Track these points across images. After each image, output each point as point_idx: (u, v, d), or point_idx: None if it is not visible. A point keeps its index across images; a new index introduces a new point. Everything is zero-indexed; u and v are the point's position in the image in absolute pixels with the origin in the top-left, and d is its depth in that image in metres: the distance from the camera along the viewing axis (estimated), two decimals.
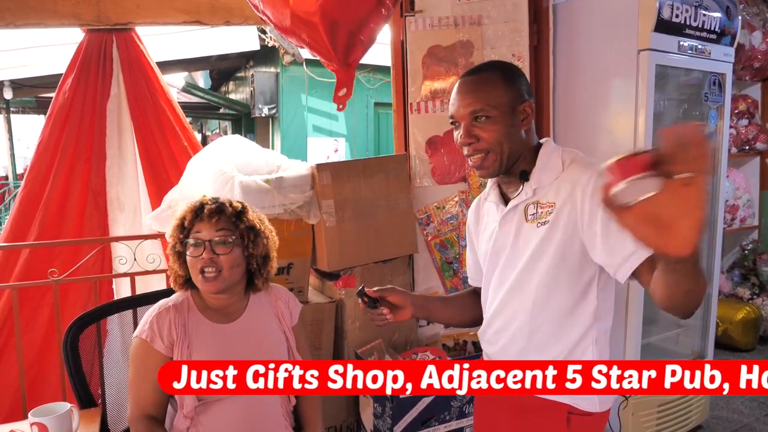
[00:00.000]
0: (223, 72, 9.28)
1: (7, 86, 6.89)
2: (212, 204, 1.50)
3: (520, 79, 1.24)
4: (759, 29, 3.65)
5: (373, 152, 7.71)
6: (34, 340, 2.50)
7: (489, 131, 1.20)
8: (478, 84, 1.22)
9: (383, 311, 1.34)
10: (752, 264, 4.03)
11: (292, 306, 1.66)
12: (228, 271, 1.46)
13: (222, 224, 1.48)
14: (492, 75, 1.22)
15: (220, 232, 1.47)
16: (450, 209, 2.72)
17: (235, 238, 1.49)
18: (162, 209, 2.40)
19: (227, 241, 1.47)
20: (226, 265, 1.45)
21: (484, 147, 1.22)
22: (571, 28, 2.66)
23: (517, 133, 1.22)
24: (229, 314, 1.55)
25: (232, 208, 1.52)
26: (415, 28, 2.66)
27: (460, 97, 1.23)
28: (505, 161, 1.23)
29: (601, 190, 0.76)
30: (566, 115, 2.71)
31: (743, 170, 4.10)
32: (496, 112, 1.20)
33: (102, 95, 2.67)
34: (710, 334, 2.78)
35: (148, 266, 2.49)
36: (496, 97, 1.20)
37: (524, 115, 1.22)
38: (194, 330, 1.49)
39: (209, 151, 2.45)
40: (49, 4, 2.50)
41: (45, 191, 2.57)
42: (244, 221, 1.52)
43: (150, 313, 1.49)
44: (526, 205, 1.24)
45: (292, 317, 1.65)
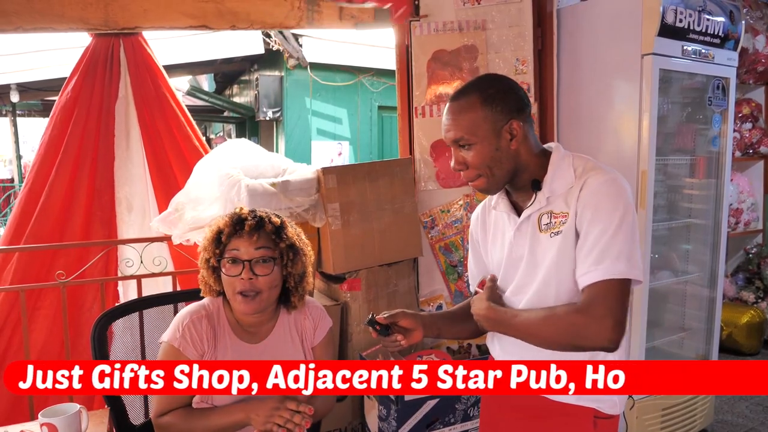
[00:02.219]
0: (228, 75, 9.30)
1: (14, 89, 6.92)
2: (252, 219, 1.40)
3: (505, 97, 1.20)
4: (762, 33, 3.66)
5: (376, 156, 7.71)
6: (37, 340, 2.50)
7: (474, 158, 1.21)
8: (458, 110, 1.22)
9: (397, 337, 1.32)
10: (756, 267, 4.03)
11: (319, 324, 1.56)
12: (267, 292, 1.40)
13: (262, 242, 1.39)
14: (470, 101, 1.20)
15: (260, 251, 1.38)
16: (455, 213, 2.73)
17: (275, 257, 1.41)
18: (169, 212, 2.41)
19: (267, 260, 1.39)
20: (265, 287, 1.38)
21: (474, 173, 1.23)
22: (574, 32, 2.67)
23: (505, 153, 1.21)
24: (257, 333, 1.48)
25: (272, 224, 1.42)
26: (419, 32, 2.67)
27: (446, 124, 1.24)
28: (500, 181, 1.24)
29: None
30: (570, 118, 2.72)
31: (747, 174, 4.10)
32: (476, 138, 1.20)
33: (109, 97, 2.69)
34: (715, 338, 2.78)
35: (154, 269, 2.51)
36: (475, 124, 1.19)
37: (511, 135, 1.20)
38: (222, 345, 1.44)
39: (216, 154, 2.47)
40: (57, 8, 2.53)
41: (47, 191, 2.58)
42: (284, 238, 1.42)
43: (182, 319, 1.43)
44: (540, 215, 1.23)
45: (315, 336, 1.55)
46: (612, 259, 1.10)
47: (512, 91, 1.23)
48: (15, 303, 2.41)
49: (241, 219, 1.41)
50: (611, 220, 1.12)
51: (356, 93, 7.52)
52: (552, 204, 1.22)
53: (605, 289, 1.10)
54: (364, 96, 7.55)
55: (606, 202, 1.14)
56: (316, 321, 1.55)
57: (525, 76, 2.68)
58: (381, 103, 7.65)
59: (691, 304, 2.88)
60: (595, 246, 1.12)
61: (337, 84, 7.35)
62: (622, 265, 1.10)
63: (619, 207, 1.13)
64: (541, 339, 1.17)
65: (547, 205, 1.22)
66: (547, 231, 1.21)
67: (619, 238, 1.11)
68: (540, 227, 1.23)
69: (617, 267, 1.10)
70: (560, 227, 1.19)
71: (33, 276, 2.48)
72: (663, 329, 2.83)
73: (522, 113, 1.22)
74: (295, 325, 1.54)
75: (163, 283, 2.59)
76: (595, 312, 1.09)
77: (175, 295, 1.95)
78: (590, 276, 1.12)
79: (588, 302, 1.11)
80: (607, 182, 1.16)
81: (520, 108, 1.22)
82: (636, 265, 1.12)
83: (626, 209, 1.13)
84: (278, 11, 2.77)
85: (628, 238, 1.11)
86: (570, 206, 1.18)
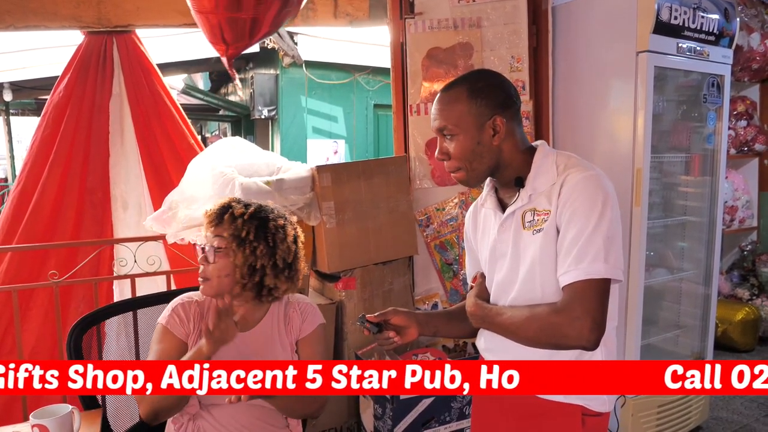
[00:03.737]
0: (223, 74, 9.26)
1: (7, 88, 6.87)
2: (218, 209, 1.47)
3: (492, 92, 1.22)
4: (757, 31, 3.66)
5: (372, 154, 7.70)
6: (28, 340, 2.49)
7: (456, 149, 1.23)
8: (446, 101, 1.24)
9: (389, 335, 1.33)
10: (751, 265, 4.04)
11: (307, 318, 1.57)
12: (216, 279, 1.43)
13: (219, 231, 1.44)
14: (458, 92, 1.22)
15: (216, 239, 1.44)
16: (450, 211, 2.73)
17: (226, 247, 1.43)
18: (163, 210, 2.40)
19: (218, 249, 1.43)
20: (213, 274, 1.43)
21: (454, 164, 1.25)
22: (570, 30, 2.66)
23: (487, 148, 1.22)
24: (245, 323, 1.51)
25: (234, 215, 1.45)
26: (414, 30, 2.66)
27: (433, 112, 1.26)
28: (479, 176, 1.26)
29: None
30: (565, 116, 2.72)
31: (742, 171, 4.11)
32: (459, 130, 1.21)
33: (101, 94, 2.67)
34: (710, 335, 2.79)
35: (149, 268, 2.49)
36: (459, 116, 1.21)
37: (495, 130, 1.21)
38: None
39: (210, 152, 2.46)
40: (50, 6, 2.51)
41: (39, 189, 2.56)
42: (244, 229, 1.43)
43: (175, 301, 1.51)
44: (524, 212, 1.24)
45: (301, 330, 1.55)
46: (590, 259, 1.10)
47: (500, 87, 1.24)
48: (7, 303, 2.39)
49: (213, 209, 1.48)
50: (589, 218, 1.12)
51: (352, 91, 7.50)
52: (535, 201, 1.22)
53: (583, 289, 1.11)
54: (360, 94, 7.54)
55: (584, 200, 1.14)
56: (305, 315, 1.57)
57: (520, 73, 2.68)
58: (377, 102, 7.64)
59: (686, 302, 2.88)
60: (573, 245, 1.13)
61: (332, 82, 7.33)
62: (601, 264, 1.10)
63: (597, 205, 1.12)
64: (524, 337, 1.19)
65: (530, 203, 1.23)
66: (530, 228, 1.22)
67: (598, 236, 1.11)
68: (524, 224, 1.23)
69: (595, 267, 1.10)
70: (542, 225, 1.19)
71: (25, 276, 2.46)
72: (658, 327, 2.84)
73: (508, 110, 1.23)
74: (284, 318, 1.56)
75: (161, 283, 2.58)
76: (573, 312, 1.10)
77: (155, 297, 1.87)
78: (569, 276, 1.12)
79: (566, 302, 1.12)
80: (585, 179, 1.16)
81: (506, 104, 1.23)
82: (615, 264, 1.12)
83: (605, 206, 1.13)
84: None
85: (606, 237, 1.11)
86: (552, 203, 1.19)
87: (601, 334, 1.11)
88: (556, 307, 1.13)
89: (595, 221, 1.11)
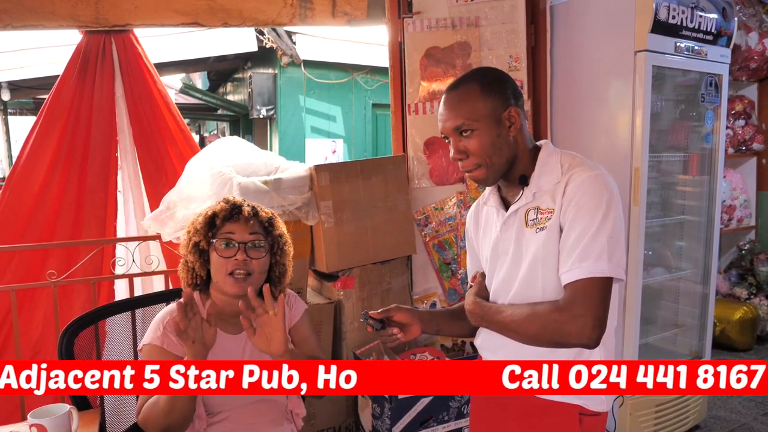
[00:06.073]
0: (221, 73, 9.26)
1: (5, 88, 6.85)
2: (248, 206, 1.48)
3: (502, 86, 1.24)
4: (755, 30, 3.67)
5: (371, 153, 7.70)
6: (30, 341, 2.48)
7: (475, 145, 1.22)
8: (457, 99, 1.24)
9: (393, 331, 1.33)
10: (749, 264, 4.05)
11: (294, 306, 1.61)
12: (258, 275, 1.45)
13: (256, 228, 1.46)
14: (470, 87, 1.23)
15: (254, 236, 1.45)
16: (448, 210, 2.73)
17: (266, 245, 1.48)
18: (161, 210, 2.40)
19: (260, 245, 1.45)
20: (257, 269, 1.44)
21: (474, 162, 1.24)
22: (568, 29, 2.67)
23: (505, 141, 1.23)
24: (238, 324, 1.48)
25: (265, 213, 1.51)
26: (412, 29, 2.66)
27: (444, 113, 1.25)
28: (498, 171, 1.25)
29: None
30: (564, 115, 2.72)
31: (740, 171, 4.12)
32: (478, 124, 1.21)
33: (103, 94, 2.66)
34: (708, 334, 2.79)
35: (146, 268, 2.49)
36: (476, 110, 1.21)
37: (510, 122, 1.23)
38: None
39: (208, 152, 2.45)
40: (47, 5, 2.50)
41: (36, 189, 2.54)
42: (276, 228, 1.51)
43: (161, 318, 1.44)
44: (527, 210, 1.24)
45: (291, 318, 1.59)
46: (594, 258, 1.11)
47: (508, 81, 1.26)
48: (9, 303, 2.39)
49: (237, 205, 1.47)
50: (594, 217, 1.12)
51: (350, 91, 7.50)
52: (538, 200, 1.23)
53: (586, 288, 1.11)
54: (359, 94, 7.53)
55: (589, 199, 1.14)
56: (291, 304, 1.61)
57: (518, 73, 2.68)
58: (375, 101, 7.64)
59: (684, 301, 2.89)
60: (577, 244, 1.13)
61: (331, 82, 7.33)
62: (604, 263, 1.11)
63: (602, 204, 1.13)
64: (524, 336, 1.18)
65: (534, 201, 1.23)
66: (533, 226, 1.22)
67: (602, 235, 1.11)
68: (527, 222, 1.24)
69: (599, 266, 1.11)
70: (545, 223, 1.20)
71: (26, 276, 2.46)
72: (656, 326, 2.84)
73: (518, 102, 1.25)
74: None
75: (156, 282, 2.57)
76: (575, 310, 1.10)
77: (153, 297, 1.86)
78: (572, 274, 1.12)
79: (568, 300, 1.12)
80: (590, 179, 1.16)
81: (516, 96, 1.25)
82: (618, 263, 1.12)
83: (609, 206, 1.13)
84: (270, 8, 2.76)
85: (610, 236, 1.12)
86: (556, 202, 1.19)
87: (603, 333, 1.11)
88: (557, 304, 1.13)
89: (600, 220, 1.12)
